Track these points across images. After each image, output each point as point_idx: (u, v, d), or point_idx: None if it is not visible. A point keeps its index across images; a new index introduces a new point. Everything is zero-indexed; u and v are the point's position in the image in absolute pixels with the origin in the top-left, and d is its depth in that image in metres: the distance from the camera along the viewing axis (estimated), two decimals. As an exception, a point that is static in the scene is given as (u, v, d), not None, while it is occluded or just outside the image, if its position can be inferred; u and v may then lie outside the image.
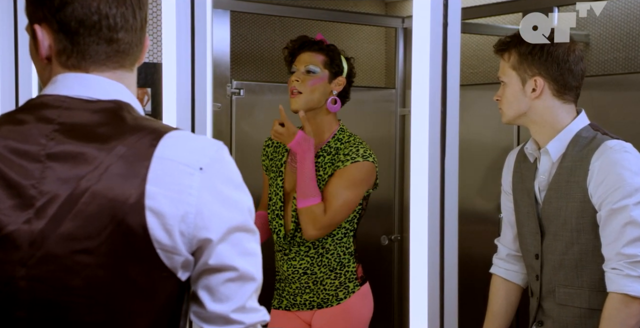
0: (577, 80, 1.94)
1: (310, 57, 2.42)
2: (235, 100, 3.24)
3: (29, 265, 1.01)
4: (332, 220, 2.32)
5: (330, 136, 2.44)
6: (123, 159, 1.03)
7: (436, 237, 1.55)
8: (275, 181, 2.47)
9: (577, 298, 1.88)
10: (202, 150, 1.08)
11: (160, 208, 1.03)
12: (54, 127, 1.06)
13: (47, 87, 1.11)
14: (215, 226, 1.06)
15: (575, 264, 1.87)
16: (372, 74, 4.14)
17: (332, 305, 2.41)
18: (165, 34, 1.81)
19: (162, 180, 1.04)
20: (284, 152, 2.51)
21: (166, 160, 1.05)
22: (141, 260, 1.03)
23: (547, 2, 2.98)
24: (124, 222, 1.01)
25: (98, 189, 1.02)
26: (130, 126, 1.07)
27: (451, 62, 1.55)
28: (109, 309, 1.04)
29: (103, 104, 1.09)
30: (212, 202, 1.06)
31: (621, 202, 1.77)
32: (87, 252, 1.01)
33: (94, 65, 1.11)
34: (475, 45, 3.89)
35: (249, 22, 3.72)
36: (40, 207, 1.02)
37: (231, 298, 1.09)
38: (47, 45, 1.10)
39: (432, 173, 1.55)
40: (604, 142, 1.85)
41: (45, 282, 1.02)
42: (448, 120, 1.55)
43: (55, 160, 1.04)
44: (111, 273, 1.03)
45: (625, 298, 1.74)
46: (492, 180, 3.43)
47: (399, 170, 3.82)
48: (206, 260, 1.07)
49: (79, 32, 1.08)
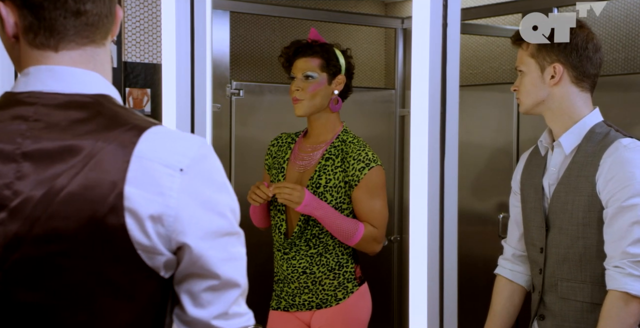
0: (595, 68, 1.95)
1: (306, 63, 2.43)
2: (234, 101, 3.24)
3: (4, 268, 0.98)
4: (384, 228, 2.43)
5: (334, 136, 2.45)
6: (101, 158, 0.99)
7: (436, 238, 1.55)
8: (277, 177, 2.49)
9: (579, 292, 1.88)
10: (183, 149, 1.03)
11: (139, 209, 0.99)
12: (30, 124, 1.01)
13: (19, 80, 1.07)
14: (194, 231, 1.02)
15: (579, 258, 1.88)
16: (371, 75, 4.14)
17: (330, 305, 2.41)
18: (165, 35, 1.81)
19: (140, 181, 0.99)
20: (287, 150, 2.53)
21: (145, 160, 1.00)
22: (121, 261, 1.00)
23: (547, 3, 2.98)
24: (103, 223, 0.98)
25: (74, 189, 0.98)
26: (108, 122, 1.03)
27: (451, 63, 1.55)
28: (90, 310, 1.01)
29: (79, 98, 1.04)
30: (192, 205, 1.02)
31: (630, 200, 1.77)
32: (65, 254, 0.98)
33: (63, 42, 1.05)
34: (475, 46, 3.90)
35: (248, 23, 3.73)
36: (13, 207, 0.98)
37: (213, 304, 1.06)
38: (12, 22, 1.05)
39: (431, 174, 1.55)
40: (617, 139, 1.86)
41: (23, 286, 0.98)
42: (447, 121, 1.55)
43: (30, 159, 1.00)
44: (91, 275, 0.99)
45: (626, 297, 1.75)
46: (492, 180, 3.43)
47: (399, 170, 3.82)
48: (187, 265, 1.04)
49: (44, 6, 1.03)
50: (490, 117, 3.43)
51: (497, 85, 3.57)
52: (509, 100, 3.30)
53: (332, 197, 2.37)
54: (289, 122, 2.86)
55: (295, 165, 2.48)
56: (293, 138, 2.57)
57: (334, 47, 2.50)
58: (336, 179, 2.38)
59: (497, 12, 3.45)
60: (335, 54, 2.46)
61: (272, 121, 3.34)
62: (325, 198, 2.37)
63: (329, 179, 2.39)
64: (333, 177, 2.39)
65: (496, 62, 3.83)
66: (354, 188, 2.38)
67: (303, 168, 2.46)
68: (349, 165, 2.38)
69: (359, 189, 2.38)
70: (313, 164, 2.43)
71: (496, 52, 3.84)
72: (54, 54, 1.06)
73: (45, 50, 1.06)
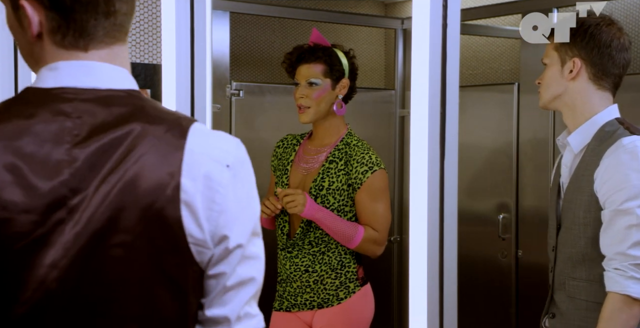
0: (617, 68, 1.91)
1: (309, 70, 2.43)
2: (234, 102, 3.24)
3: (61, 266, 0.97)
4: (385, 231, 2.43)
5: (338, 139, 2.46)
6: (155, 151, 1.00)
7: (435, 238, 1.55)
8: (280, 179, 2.50)
9: (584, 291, 1.88)
10: (226, 146, 1.06)
11: (194, 202, 1.01)
12: (74, 121, 1.00)
13: (45, 75, 1.04)
14: (234, 227, 1.05)
15: (582, 258, 1.88)
16: (371, 75, 4.14)
17: (332, 305, 2.41)
18: (165, 35, 1.81)
19: (194, 174, 1.01)
20: (292, 152, 2.54)
21: (196, 154, 1.02)
22: (175, 254, 1.01)
23: (547, 4, 2.98)
24: (161, 215, 0.99)
25: (132, 182, 0.98)
26: (153, 116, 1.03)
27: (450, 64, 1.55)
28: (143, 302, 1.01)
29: (116, 93, 1.04)
30: (234, 201, 1.04)
31: (626, 203, 1.76)
32: (123, 245, 0.99)
33: (93, 43, 1.04)
34: (475, 47, 3.90)
35: (248, 24, 3.73)
36: (73, 205, 0.97)
37: (227, 304, 1.07)
38: (37, 21, 1.02)
39: (431, 175, 1.55)
40: (620, 138, 1.83)
41: (81, 281, 0.98)
42: (447, 122, 1.55)
43: (83, 155, 0.98)
44: (146, 267, 1.00)
45: (627, 300, 1.74)
46: (491, 181, 3.43)
47: (399, 171, 3.82)
48: (217, 261, 1.06)
49: (75, 9, 1.01)
50: (490, 118, 3.43)
51: (497, 86, 3.57)
52: (509, 101, 3.31)
53: (334, 200, 2.37)
54: (289, 122, 2.86)
55: (299, 167, 2.48)
56: (298, 140, 2.57)
57: (337, 48, 2.49)
58: (339, 182, 2.38)
59: (497, 12, 3.45)
60: (339, 57, 2.46)
61: (272, 121, 3.34)
62: (328, 200, 2.37)
63: (331, 182, 2.39)
64: (336, 180, 2.39)
65: (496, 62, 3.83)
66: (357, 191, 2.38)
67: (307, 170, 2.46)
68: (352, 168, 2.39)
69: (362, 192, 2.38)
70: (317, 166, 2.44)
71: (496, 53, 3.84)
72: (83, 54, 1.05)
73: (74, 50, 1.04)
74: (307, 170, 2.46)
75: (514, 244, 3.27)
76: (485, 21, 3.68)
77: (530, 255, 3.20)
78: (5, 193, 0.95)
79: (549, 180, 3.13)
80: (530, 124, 3.20)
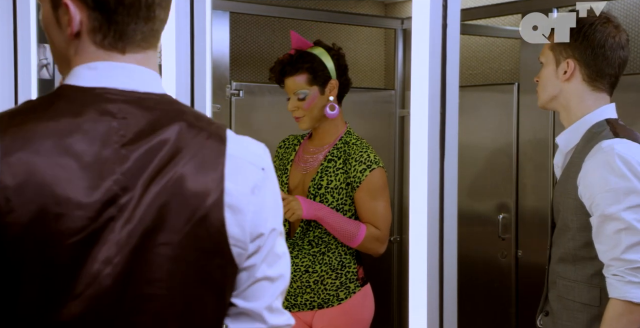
0: (612, 68, 1.88)
1: (294, 83, 2.44)
2: (234, 102, 3.24)
3: (115, 262, 0.99)
4: (387, 229, 2.43)
5: (337, 138, 2.47)
6: (200, 155, 1.04)
7: (435, 238, 1.55)
8: (280, 178, 2.51)
9: (572, 291, 1.88)
10: (258, 150, 1.12)
11: (237, 204, 1.05)
12: (119, 121, 1.02)
13: (83, 73, 1.05)
14: (267, 224, 1.09)
15: (572, 258, 1.88)
16: (371, 75, 4.14)
17: (332, 305, 2.41)
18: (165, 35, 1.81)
19: (236, 178, 1.06)
20: (292, 152, 2.56)
21: (236, 158, 1.07)
22: (218, 255, 1.05)
23: (546, 4, 2.98)
24: (206, 217, 1.03)
25: (180, 185, 1.02)
26: (194, 122, 1.06)
27: (450, 64, 1.55)
28: (186, 301, 1.04)
29: (153, 97, 1.06)
30: (267, 202, 1.10)
31: (609, 208, 1.74)
32: (171, 245, 1.02)
33: (130, 46, 1.06)
34: (475, 47, 3.90)
35: (248, 24, 3.73)
36: (124, 203, 1.00)
37: (260, 297, 1.11)
38: (78, 20, 1.04)
39: (431, 175, 1.55)
40: (600, 142, 1.80)
41: (131, 277, 1.01)
42: (447, 122, 1.55)
43: (131, 155, 1.01)
44: (191, 267, 1.04)
45: (628, 305, 1.73)
46: (491, 181, 3.43)
47: (398, 171, 3.82)
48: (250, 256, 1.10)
49: (118, 11, 1.03)
50: (490, 118, 3.43)
51: (496, 86, 3.57)
52: (509, 101, 3.31)
53: (333, 199, 2.38)
54: (289, 122, 2.85)
55: (298, 167, 2.49)
56: (299, 140, 2.59)
57: (320, 47, 2.48)
58: (337, 181, 2.39)
59: (497, 12, 3.45)
60: (322, 61, 2.44)
61: (272, 122, 3.34)
62: (327, 199, 2.37)
63: (330, 181, 2.39)
64: (335, 179, 2.39)
65: (496, 62, 3.84)
66: (356, 190, 2.38)
67: (305, 170, 2.47)
68: (351, 167, 2.39)
69: (361, 191, 2.38)
70: (315, 165, 2.45)
71: (496, 53, 3.84)
72: (121, 56, 1.06)
73: (113, 52, 1.06)
74: (306, 169, 2.47)
75: (513, 244, 3.27)
76: (485, 21, 3.68)
77: (530, 255, 3.20)
78: (59, 189, 0.96)
79: (549, 180, 3.13)
80: (530, 124, 3.20)
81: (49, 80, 2.34)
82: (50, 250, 0.97)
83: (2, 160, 0.96)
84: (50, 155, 0.97)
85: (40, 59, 2.30)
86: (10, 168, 0.96)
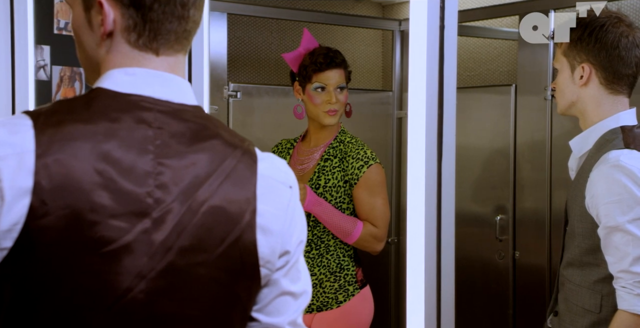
0: (629, 68, 1.83)
1: (338, 75, 2.46)
2: (232, 103, 3.24)
3: (148, 278, 0.96)
4: (385, 227, 2.41)
5: (332, 138, 2.48)
6: (234, 174, 1.02)
7: (433, 240, 1.55)
8: None
9: (575, 295, 1.88)
10: (283, 168, 1.10)
11: (268, 226, 1.04)
12: (155, 131, 0.98)
13: (120, 79, 1.02)
14: (293, 241, 1.08)
15: (579, 263, 1.88)
16: (369, 77, 4.14)
17: (331, 308, 2.41)
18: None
19: (267, 198, 1.04)
20: (286, 156, 2.57)
21: (267, 177, 1.06)
22: (247, 276, 1.04)
23: (544, 5, 2.99)
24: (239, 238, 1.01)
25: (216, 202, 1.00)
26: (227, 137, 1.04)
27: (448, 65, 1.55)
28: (214, 321, 1.03)
29: (187, 108, 1.03)
30: (296, 219, 1.09)
31: (615, 220, 1.72)
32: (205, 264, 0.99)
33: (164, 48, 1.03)
34: (472, 48, 3.90)
35: (246, 25, 3.73)
36: (158, 217, 0.96)
37: (283, 313, 1.10)
38: (112, 18, 1.01)
39: (428, 176, 1.55)
40: (609, 151, 1.77)
41: (164, 295, 0.98)
42: (445, 123, 1.55)
43: (166, 168, 0.98)
44: (222, 288, 1.02)
45: (635, 318, 1.72)
46: (489, 182, 3.43)
47: (396, 172, 3.82)
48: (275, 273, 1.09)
49: (153, 8, 1.00)
50: (487, 119, 3.43)
51: (494, 87, 3.57)
52: (506, 102, 3.31)
53: (331, 197, 2.38)
54: (286, 124, 2.86)
55: (295, 169, 2.49)
56: (292, 143, 2.59)
57: None
58: (335, 179, 2.39)
59: (494, 14, 3.45)
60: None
61: (269, 123, 3.34)
62: (325, 198, 2.38)
63: (327, 179, 2.39)
64: (332, 177, 2.39)
65: (493, 64, 3.84)
66: (354, 186, 2.39)
67: (302, 171, 2.47)
68: (348, 164, 2.40)
69: (359, 187, 2.39)
70: (312, 165, 2.45)
71: (493, 54, 3.84)
72: (155, 58, 1.04)
73: (147, 52, 1.03)
74: (302, 170, 2.47)
75: (511, 245, 3.27)
76: (482, 23, 3.69)
77: (527, 257, 3.20)
78: (95, 196, 0.93)
79: (546, 181, 3.14)
80: (527, 126, 3.20)
81: (46, 82, 2.34)
82: (84, 258, 0.93)
83: (39, 160, 0.91)
84: (88, 159, 0.93)
85: (38, 60, 2.29)
86: (47, 170, 0.91)
